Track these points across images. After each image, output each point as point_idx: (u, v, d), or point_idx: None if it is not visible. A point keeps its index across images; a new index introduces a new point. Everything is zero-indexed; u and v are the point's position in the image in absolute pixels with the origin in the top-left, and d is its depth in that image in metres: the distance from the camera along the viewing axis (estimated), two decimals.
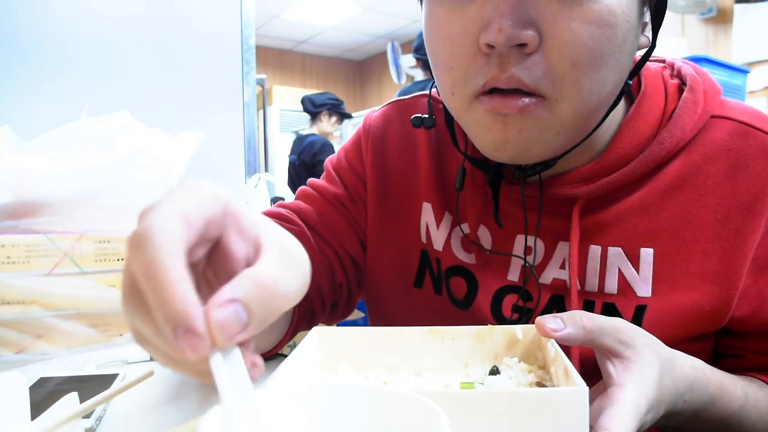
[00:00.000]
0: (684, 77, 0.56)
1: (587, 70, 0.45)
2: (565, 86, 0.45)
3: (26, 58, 1.36)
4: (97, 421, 0.50)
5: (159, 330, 0.26)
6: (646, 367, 0.41)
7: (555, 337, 0.41)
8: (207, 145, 0.94)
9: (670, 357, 0.45)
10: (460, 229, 0.61)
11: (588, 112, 0.48)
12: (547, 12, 0.43)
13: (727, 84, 2.14)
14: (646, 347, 0.42)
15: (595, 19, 0.43)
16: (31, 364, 0.66)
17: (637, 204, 0.54)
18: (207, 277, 0.30)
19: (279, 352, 0.74)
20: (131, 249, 0.25)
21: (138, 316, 0.27)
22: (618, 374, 0.41)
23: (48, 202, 0.76)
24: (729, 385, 0.50)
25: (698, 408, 0.47)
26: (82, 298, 0.73)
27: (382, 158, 0.67)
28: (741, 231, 0.52)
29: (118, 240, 0.76)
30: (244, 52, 1.68)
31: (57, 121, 0.89)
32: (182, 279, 0.24)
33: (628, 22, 0.45)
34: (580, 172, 0.54)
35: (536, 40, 0.44)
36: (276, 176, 3.52)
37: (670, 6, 3.73)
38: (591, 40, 0.44)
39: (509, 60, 0.44)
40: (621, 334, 0.42)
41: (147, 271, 0.24)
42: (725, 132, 0.54)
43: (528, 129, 0.47)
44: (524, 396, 0.33)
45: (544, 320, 0.41)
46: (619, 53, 0.46)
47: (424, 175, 0.64)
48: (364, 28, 6.02)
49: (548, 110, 0.46)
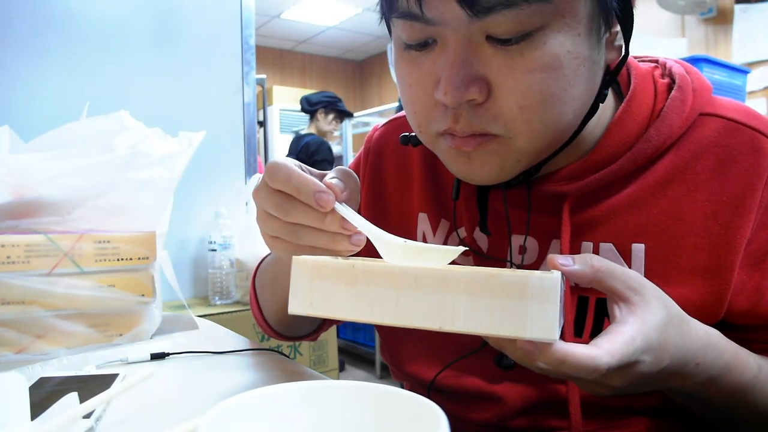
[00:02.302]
0: (674, 76, 0.57)
1: (537, 111, 0.47)
2: (516, 127, 0.47)
3: (26, 58, 1.36)
4: (97, 421, 0.50)
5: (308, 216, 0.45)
6: (651, 313, 0.42)
7: (564, 272, 0.42)
8: (207, 145, 0.94)
9: (681, 315, 0.45)
10: (456, 234, 0.63)
11: (547, 143, 0.50)
12: (492, 65, 0.46)
13: (727, 84, 2.15)
14: (655, 298, 0.43)
15: (538, 66, 0.45)
16: (31, 364, 0.67)
17: (627, 200, 0.55)
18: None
19: (279, 351, 0.75)
20: (275, 170, 0.46)
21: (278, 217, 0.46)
22: (621, 315, 0.42)
23: (48, 202, 0.76)
24: (743, 355, 0.50)
25: (712, 375, 0.47)
26: (82, 298, 0.73)
27: (379, 175, 0.71)
28: (730, 226, 0.53)
29: (118, 240, 0.76)
30: (244, 52, 1.68)
31: (57, 121, 0.89)
32: (308, 173, 0.47)
33: (577, 58, 0.46)
34: (568, 170, 0.55)
35: (484, 92, 0.46)
36: None
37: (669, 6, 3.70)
38: (536, 85, 0.45)
39: (460, 113, 0.48)
40: (631, 281, 0.43)
41: (290, 176, 0.45)
42: (713, 129, 0.55)
43: (489, 162, 0.50)
44: (503, 276, 0.36)
45: (555, 256, 0.42)
46: (572, 87, 0.47)
47: (419, 186, 0.67)
48: (364, 28, 6.02)
49: (503, 145, 0.49)
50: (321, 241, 0.46)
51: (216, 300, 1.59)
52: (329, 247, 0.46)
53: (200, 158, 0.96)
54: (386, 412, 0.31)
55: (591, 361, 0.37)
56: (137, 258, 0.77)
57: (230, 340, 0.82)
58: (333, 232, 0.45)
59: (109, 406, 0.54)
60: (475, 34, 0.45)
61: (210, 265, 1.59)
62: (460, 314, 0.37)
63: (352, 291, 0.39)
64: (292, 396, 0.32)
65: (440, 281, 0.37)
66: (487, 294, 0.36)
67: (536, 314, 0.35)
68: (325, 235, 0.46)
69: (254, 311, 0.74)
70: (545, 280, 0.35)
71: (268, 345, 0.88)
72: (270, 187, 0.46)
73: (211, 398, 0.58)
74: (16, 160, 0.75)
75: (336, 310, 0.39)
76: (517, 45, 0.45)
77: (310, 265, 0.41)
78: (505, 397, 0.59)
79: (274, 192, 0.46)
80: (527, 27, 0.44)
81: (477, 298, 0.36)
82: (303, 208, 0.45)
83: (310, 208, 0.45)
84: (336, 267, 0.40)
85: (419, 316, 0.37)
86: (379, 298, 0.38)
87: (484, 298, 0.36)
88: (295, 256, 0.42)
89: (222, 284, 1.59)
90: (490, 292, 0.36)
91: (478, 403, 0.61)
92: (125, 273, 0.76)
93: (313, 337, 0.78)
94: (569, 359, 0.37)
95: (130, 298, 0.76)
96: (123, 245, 0.76)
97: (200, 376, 0.66)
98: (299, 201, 0.45)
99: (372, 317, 0.38)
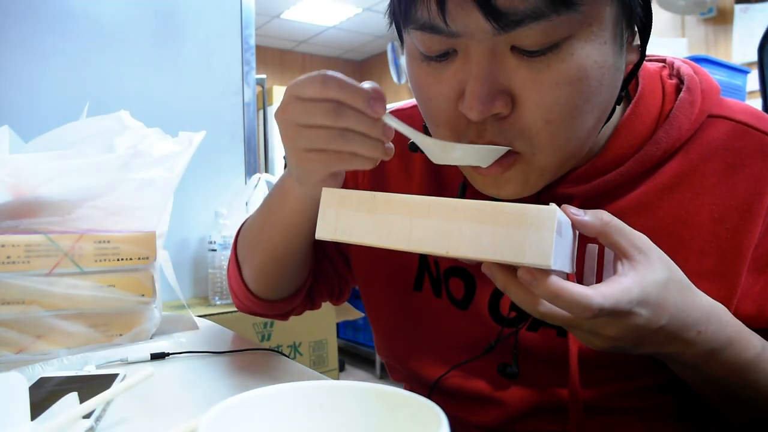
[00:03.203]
0: (682, 77, 0.56)
1: (562, 124, 0.46)
2: (541, 142, 0.47)
3: (26, 58, 1.36)
4: (97, 421, 0.50)
5: (358, 121, 0.47)
6: (651, 270, 0.42)
7: (573, 221, 0.43)
8: (207, 145, 0.94)
9: (685, 281, 0.45)
10: None
11: (568, 155, 0.50)
12: (517, 78, 0.45)
13: (727, 84, 2.14)
14: (659, 259, 0.43)
15: (565, 79, 0.44)
16: (31, 364, 0.66)
17: (634, 203, 0.54)
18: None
19: (279, 351, 0.74)
20: (327, 77, 0.46)
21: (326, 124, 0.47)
22: (623, 269, 0.42)
23: (48, 202, 0.76)
24: (747, 332, 0.50)
25: (715, 347, 0.46)
26: (82, 298, 0.73)
27: (382, 178, 0.70)
28: (738, 230, 0.52)
29: (118, 240, 0.76)
30: (244, 52, 1.68)
31: (57, 121, 0.89)
32: (361, 84, 0.47)
33: (602, 67, 0.45)
34: (576, 173, 0.55)
35: (509, 106, 0.46)
36: (276, 176, 3.52)
37: (669, 6, 3.71)
38: (562, 98, 0.45)
39: (485, 128, 0.47)
40: (638, 241, 0.43)
41: (344, 83, 0.46)
42: (722, 131, 0.54)
43: (514, 179, 0.50)
44: (505, 206, 0.39)
45: (567, 207, 0.43)
46: (595, 96, 0.46)
47: (421, 189, 0.66)
48: (364, 28, 6.02)
49: (527, 163, 0.49)
50: (364, 147, 0.48)
51: (216, 300, 1.59)
52: (370, 154, 0.49)
53: (200, 158, 0.96)
54: (386, 412, 0.31)
55: (583, 299, 0.39)
56: (137, 258, 0.77)
57: (230, 340, 0.82)
58: (376, 138, 0.48)
59: (109, 406, 0.54)
60: (499, 45, 0.44)
61: (210, 265, 1.59)
62: (466, 240, 0.39)
63: (372, 219, 0.43)
64: (292, 396, 0.32)
65: (450, 210, 0.40)
66: (491, 222, 0.39)
67: (533, 241, 0.37)
68: (370, 141, 0.48)
69: (232, 273, 0.72)
70: (543, 210, 0.38)
71: (268, 345, 0.88)
72: (310, 99, 0.47)
73: (211, 398, 0.58)
74: (16, 160, 0.75)
75: (358, 236, 0.43)
76: (544, 57, 0.44)
77: (337, 195, 0.45)
78: (507, 402, 0.58)
79: (318, 101, 0.47)
80: (555, 38, 0.43)
81: (481, 226, 0.39)
82: (354, 114, 0.47)
83: (360, 113, 0.47)
84: (359, 197, 0.44)
85: (429, 242, 0.41)
86: (395, 225, 0.42)
87: (488, 226, 0.39)
88: (325, 187, 0.45)
89: (222, 284, 1.59)
90: (494, 221, 0.39)
91: (479, 406, 0.61)
92: (125, 273, 0.76)
93: (285, 316, 0.76)
94: (563, 294, 0.38)
95: (130, 298, 0.76)
96: (123, 245, 0.76)
97: (200, 376, 0.66)
98: (349, 107, 0.47)
99: (389, 242, 0.42)
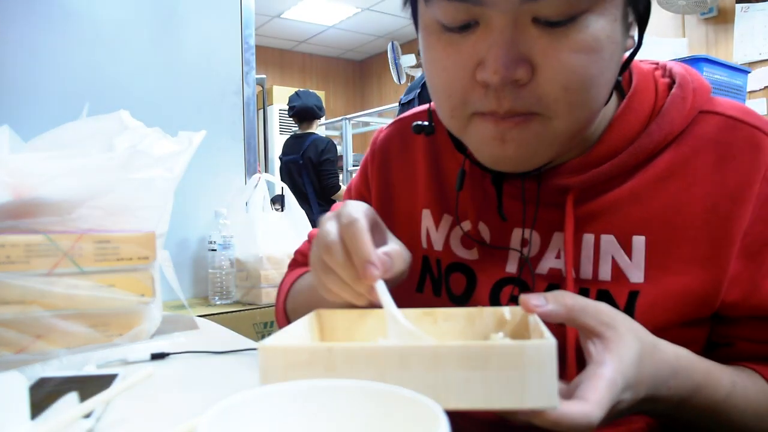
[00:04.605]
0: (674, 76, 0.58)
1: (579, 92, 0.48)
2: (559, 107, 0.48)
3: (26, 58, 1.36)
4: (97, 421, 0.50)
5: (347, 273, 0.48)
6: (626, 348, 0.42)
7: (537, 313, 0.42)
8: (207, 145, 0.94)
9: (653, 342, 0.46)
10: (460, 228, 0.64)
11: (581, 125, 0.51)
12: (538, 46, 0.46)
13: (727, 84, 2.14)
14: (628, 331, 0.44)
15: (582, 48, 0.46)
16: (31, 364, 0.66)
17: (628, 193, 0.56)
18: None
19: None
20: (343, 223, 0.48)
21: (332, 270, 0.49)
22: (598, 353, 0.42)
23: (48, 202, 0.76)
24: (715, 373, 0.50)
25: (684, 396, 0.47)
26: (82, 298, 0.73)
27: (386, 178, 0.72)
28: (728, 217, 0.53)
29: (118, 240, 0.76)
30: (244, 52, 1.68)
31: (57, 121, 0.89)
32: (370, 242, 0.47)
33: (613, 42, 0.48)
34: (572, 164, 0.57)
35: (529, 73, 0.47)
36: (276, 176, 3.53)
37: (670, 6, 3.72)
38: (580, 67, 0.47)
39: (504, 95, 0.48)
40: (603, 316, 0.43)
41: (353, 238, 0.47)
42: (713, 125, 0.56)
43: (525, 144, 0.50)
44: (498, 347, 0.35)
45: (528, 297, 0.43)
46: (607, 70, 0.49)
47: (423, 184, 0.68)
48: (364, 28, 6.02)
49: (542, 124, 0.49)
50: (345, 293, 0.49)
51: (216, 300, 1.59)
52: (351, 300, 0.50)
53: (200, 158, 0.96)
54: (386, 412, 0.31)
55: (585, 418, 0.38)
56: (137, 258, 0.77)
57: (230, 340, 0.82)
58: (359, 293, 0.49)
59: (109, 406, 0.54)
60: (522, 15, 0.46)
61: (210, 265, 1.59)
62: (454, 392, 0.34)
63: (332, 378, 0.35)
64: (292, 396, 0.32)
65: (430, 358, 0.35)
66: (481, 368, 0.34)
67: (534, 383, 0.34)
68: (352, 291, 0.49)
69: (281, 322, 0.75)
70: (542, 347, 0.34)
71: None
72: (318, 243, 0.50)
73: (211, 398, 0.58)
74: (16, 160, 0.75)
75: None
76: (564, 27, 0.46)
77: (281, 353, 0.36)
78: None
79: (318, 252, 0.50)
80: (575, 10, 0.45)
81: (471, 373, 0.34)
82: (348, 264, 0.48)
83: (351, 264, 0.48)
84: (311, 353, 0.36)
85: None
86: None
87: (478, 372, 0.34)
88: (260, 344, 0.37)
89: (222, 284, 1.59)
90: (484, 366, 0.34)
91: None
92: (125, 273, 0.76)
93: None
94: (564, 420, 0.37)
95: (130, 298, 0.76)
96: (123, 245, 0.76)
97: (200, 376, 0.66)
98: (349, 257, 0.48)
99: None
